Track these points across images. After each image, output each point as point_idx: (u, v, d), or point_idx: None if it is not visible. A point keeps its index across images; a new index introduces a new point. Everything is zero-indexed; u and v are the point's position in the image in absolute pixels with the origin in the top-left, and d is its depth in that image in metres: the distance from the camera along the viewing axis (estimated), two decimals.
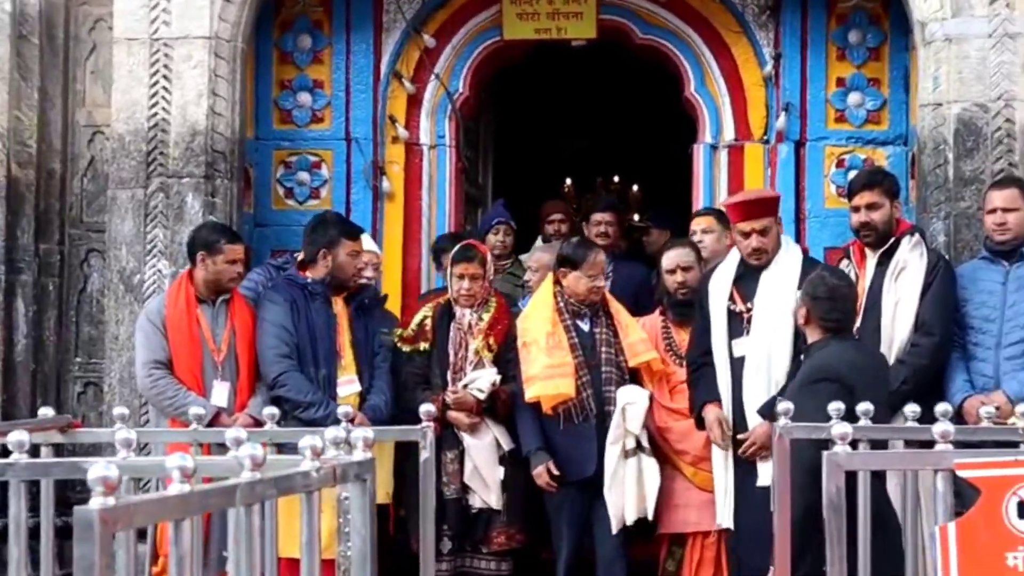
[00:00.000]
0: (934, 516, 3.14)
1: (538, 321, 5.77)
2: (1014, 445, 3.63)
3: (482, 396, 5.78)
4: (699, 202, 7.18)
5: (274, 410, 4.22)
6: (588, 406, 5.64)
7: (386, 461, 5.69)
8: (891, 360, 5.40)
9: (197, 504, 2.34)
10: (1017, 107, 6.24)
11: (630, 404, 5.60)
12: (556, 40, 7.36)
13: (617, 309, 5.94)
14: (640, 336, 5.87)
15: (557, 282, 5.84)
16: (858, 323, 5.47)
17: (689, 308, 5.85)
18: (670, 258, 5.98)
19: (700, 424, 5.53)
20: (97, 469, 2.08)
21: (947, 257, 6.01)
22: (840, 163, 7.01)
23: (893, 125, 7.00)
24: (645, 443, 5.64)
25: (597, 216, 7.23)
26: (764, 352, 5.36)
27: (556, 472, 5.57)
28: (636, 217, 11.69)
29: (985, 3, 6.25)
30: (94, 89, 6.95)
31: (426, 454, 4.14)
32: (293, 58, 7.26)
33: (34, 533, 3.69)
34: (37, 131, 6.85)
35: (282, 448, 4.01)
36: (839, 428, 3.12)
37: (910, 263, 5.49)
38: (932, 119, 6.35)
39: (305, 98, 7.24)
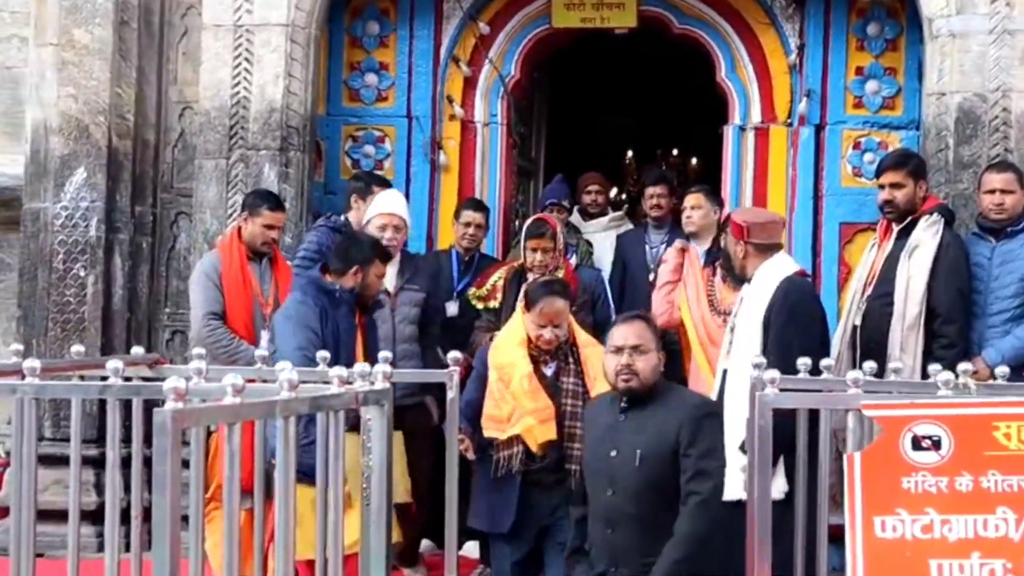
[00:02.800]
0: (846, 447, 3.79)
1: (512, 360, 5.46)
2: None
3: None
4: (728, 178, 7.61)
5: (325, 353, 4.66)
6: (525, 458, 5.38)
7: (400, 461, 5.90)
8: (900, 332, 5.73)
9: (246, 412, 3.08)
10: (1013, 98, 6.64)
11: None
12: (600, 28, 7.77)
13: (589, 356, 5.50)
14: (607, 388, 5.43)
15: None
16: (869, 291, 5.91)
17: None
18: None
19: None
20: (171, 381, 2.82)
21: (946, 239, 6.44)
22: (856, 145, 7.36)
23: (907, 111, 7.34)
24: None
25: (650, 190, 7.61)
26: (740, 367, 5.20)
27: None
28: None
29: (987, 1, 6.65)
30: (185, 69, 7.38)
31: (452, 394, 4.78)
32: (362, 42, 7.69)
33: (126, 463, 4.42)
34: (134, 106, 7.26)
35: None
36: (770, 373, 3.79)
37: (923, 243, 5.82)
38: (936, 107, 6.80)
39: (372, 79, 7.68)
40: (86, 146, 7.18)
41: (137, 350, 5.05)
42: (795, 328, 5.15)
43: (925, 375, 4.99)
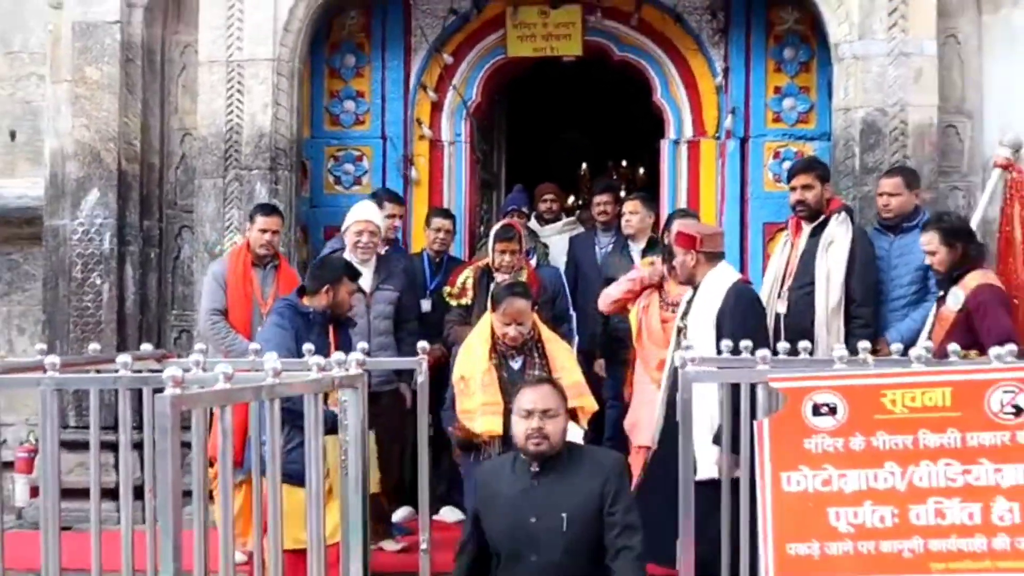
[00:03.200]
0: (757, 415, 3.94)
1: (474, 358, 5.49)
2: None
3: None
4: (665, 186, 7.74)
5: (310, 345, 4.78)
6: (499, 447, 5.33)
7: (372, 456, 5.61)
8: (824, 316, 5.87)
9: (235, 396, 3.21)
10: (909, 111, 6.78)
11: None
12: (550, 56, 7.88)
13: (553, 351, 5.58)
14: (575, 380, 5.47)
15: None
16: (789, 283, 6.01)
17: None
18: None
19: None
20: (170, 370, 2.95)
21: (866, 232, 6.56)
22: (776, 155, 7.50)
23: (819, 124, 7.49)
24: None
25: (597, 198, 7.72)
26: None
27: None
28: None
29: (884, 28, 6.78)
30: (184, 100, 7.45)
31: (421, 379, 4.90)
32: (340, 73, 7.78)
33: (139, 446, 4.50)
34: (140, 134, 7.31)
35: None
36: (690, 352, 3.95)
37: (837, 238, 5.98)
38: (843, 121, 6.93)
39: (350, 105, 7.77)
40: (98, 170, 7.24)
41: (146, 347, 5.18)
42: (746, 327, 5.20)
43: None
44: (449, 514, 6.72)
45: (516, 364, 5.51)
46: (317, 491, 3.62)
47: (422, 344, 4.98)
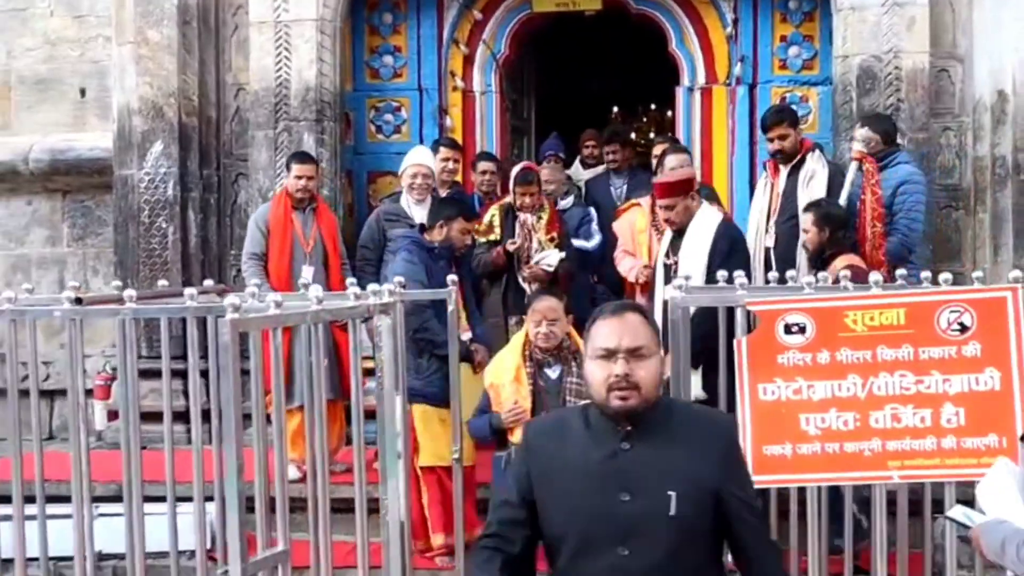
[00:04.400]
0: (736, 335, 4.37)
1: (504, 368, 5.29)
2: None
3: (550, 269, 6.46)
4: (680, 129, 8.08)
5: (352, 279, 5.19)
6: None
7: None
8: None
9: (284, 320, 3.70)
10: (903, 58, 7.12)
11: None
12: (573, 11, 8.20)
13: None
14: None
15: None
16: (775, 218, 6.42)
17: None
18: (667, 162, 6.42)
19: None
20: (229, 299, 3.46)
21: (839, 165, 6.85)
22: (783, 99, 7.71)
23: (822, 71, 7.76)
24: None
25: (605, 148, 8.12)
26: None
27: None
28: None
29: None
30: (237, 58, 7.81)
31: (451, 307, 5.37)
32: (379, 30, 8.13)
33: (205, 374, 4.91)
34: (198, 90, 7.71)
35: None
36: (679, 281, 4.38)
37: (816, 173, 6.31)
38: (842, 67, 7.27)
39: (388, 59, 8.11)
40: (161, 123, 7.69)
41: (208, 282, 5.65)
42: (736, 259, 5.48)
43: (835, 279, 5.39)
44: None
45: (553, 373, 5.22)
46: (320, 412, 4.12)
47: (452, 277, 5.43)
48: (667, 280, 5.60)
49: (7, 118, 8.57)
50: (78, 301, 4.35)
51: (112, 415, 7.67)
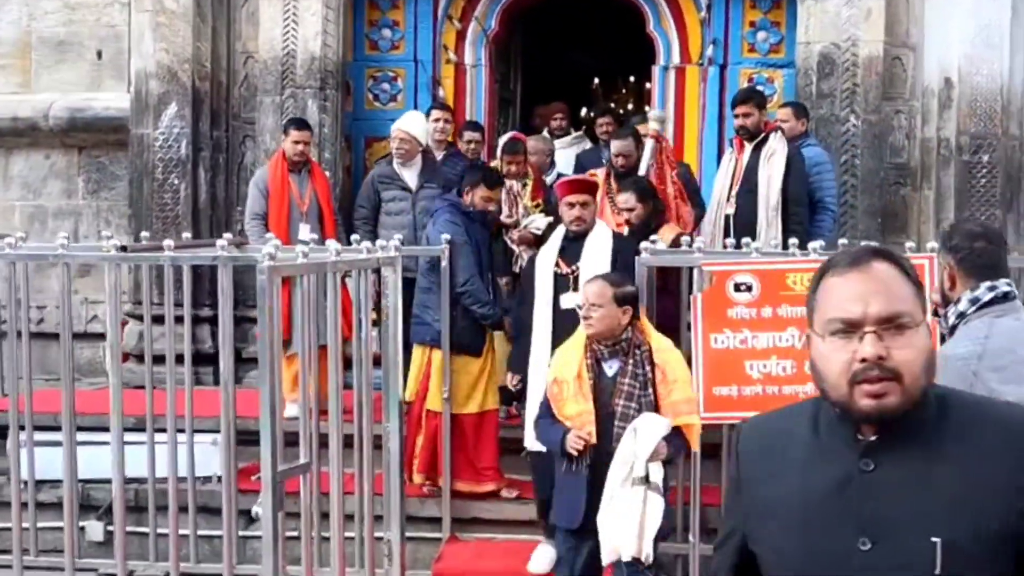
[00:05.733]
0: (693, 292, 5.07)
1: (569, 361, 4.87)
2: None
3: (539, 232, 6.76)
4: (655, 105, 8.64)
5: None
6: (589, 457, 4.74)
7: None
8: (765, 215, 6.74)
9: (311, 268, 4.37)
10: (860, 46, 7.74)
11: (644, 428, 4.61)
12: None
13: (666, 360, 4.82)
14: (686, 395, 4.80)
15: None
16: (736, 189, 7.01)
17: (625, 177, 6.53)
18: (615, 146, 6.78)
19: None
20: (267, 248, 4.12)
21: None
22: (750, 80, 8.32)
23: (787, 54, 8.34)
24: (656, 479, 4.60)
25: (599, 120, 8.66)
26: None
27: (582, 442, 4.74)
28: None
29: None
30: (247, 28, 8.29)
31: (444, 263, 6.03)
32: (379, 5, 8.63)
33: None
34: (210, 56, 8.20)
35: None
36: (647, 244, 5.07)
37: (777, 151, 6.86)
38: (804, 53, 7.88)
39: (387, 33, 8.62)
40: (176, 87, 8.23)
41: (228, 235, 6.28)
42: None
43: (785, 245, 5.99)
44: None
45: (611, 369, 4.82)
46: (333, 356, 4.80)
47: (445, 236, 6.09)
48: (560, 291, 5.63)
49: (27, 77, 9.10)
50: (123, 248, 4.99)
51: (125, 357, 8.27)
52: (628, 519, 4.53)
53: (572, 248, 5.72)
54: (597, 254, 5.59)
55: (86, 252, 5.13)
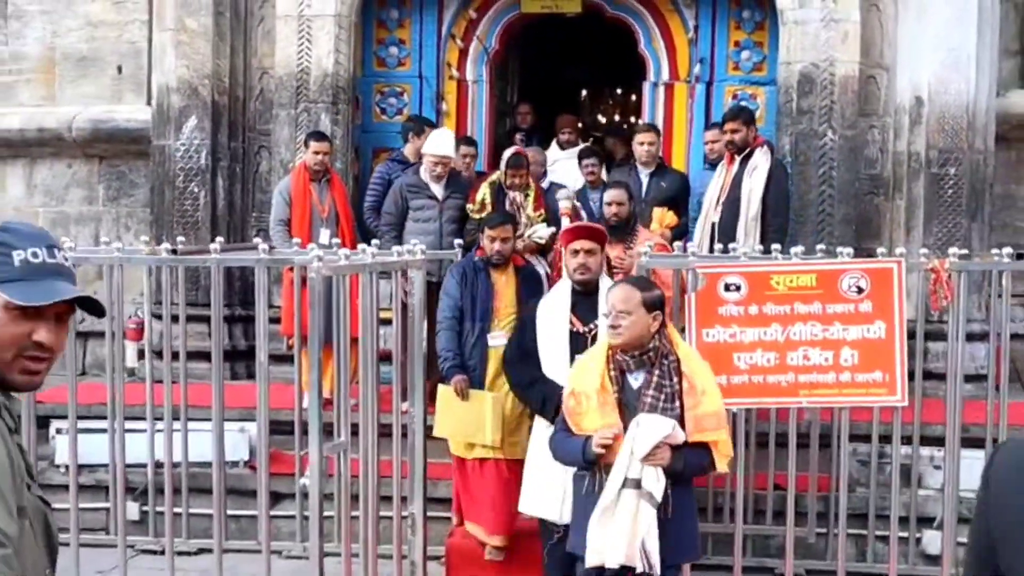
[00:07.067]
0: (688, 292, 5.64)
1: (589, 373, 4.52)
2: None
3: (542, 242, 6.96)
4: (646, 117, 9.24)
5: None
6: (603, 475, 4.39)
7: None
8: (744, 223, 7.28)
9: (353, 269, 4.92)
10: (837, 66, 8.32)
11: (644, 427, 4.29)
12: (556, 12, 9.34)
13: (694, 370, 4.52)
14: (714, 409, 4.47)
15: None
16: (722, 199, 7.59)
17: (618, 229, 6.35)
18: (608, 195, 6.64)
19: None
20: (314, 252, 4.67)
21: (788, 159, 8.27)
22: (735, 96, 8.93)
23: (769, 72, 8.91)
24: (650, 487, 4.27)
25: (584, 162, 8.80)
26: None
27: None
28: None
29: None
30: (263, 46, 8.86)
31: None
32: (386, 25, 9.22)
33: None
34: (228, 72, 8.76)
35: None
36: (646, 248, 5.65)
37: (760, 165, 7.41)
38: (785, 72, 8.47)
39: (394, 51, 9.22)
40: (196, 101, 8.77)
41: (256, 240, 6.81)
42: None
43: (767, 250, 6.35)
44: None
45: (636, 381, 4.48)
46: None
47: (457, 241, 6.67)
48: (579, 350, 5.17)
49: (52, 90, 9.65)
50: (173, 252, 5.54)
51: (141, 354, 8.74)
52: (617, 523, 4.24)
53: (584, 304, 5.40)
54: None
55: (136, 256, 5.64)
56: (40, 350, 2.15)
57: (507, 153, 7.69)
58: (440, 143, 7.63)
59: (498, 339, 5.88)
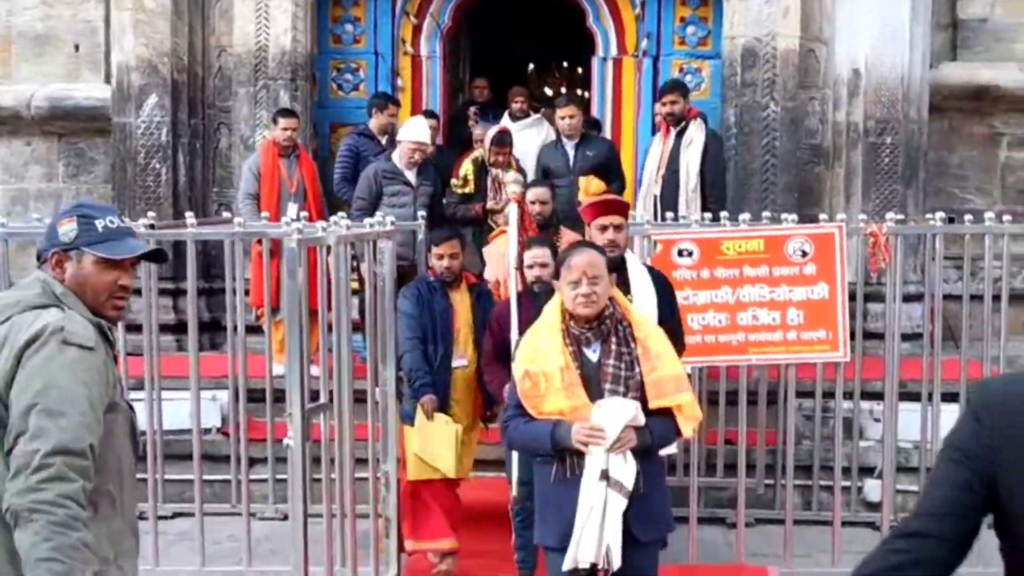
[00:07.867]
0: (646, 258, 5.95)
1: (545, 351, 4.11)
2: None
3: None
4: (595, 93, 9.53)
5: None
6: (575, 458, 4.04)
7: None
8: (685, 195, 7.53)
9: (328, 240, 5.18)
10: (778, 40, 8.64)
11: (606, 413, 3.98)
12: None
13: (647, 335, 4.17)
14: (675, 372, 4.13)
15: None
16: (662, 171, 7.73)
17: (544, 228, 6.22)
18: (531, 193, 6.46)
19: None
20: (295, 224, 4.92)
21: (734, 131, 8.61)
22: (681, 70, 9.23)
23: (714, 47, 9.17)
24: (618, 475, 3.97)
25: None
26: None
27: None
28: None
29: None
30: (221, 24, 8.95)
31: (420, 236, 6.87)
32: (341, 2, 9.33)
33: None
34: (187, 51, 8.85)
35: None
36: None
37: (695, 138, 7.68)
38: (729, 46, 8.78)
39: (349, 28, 9.33)
40: (156, 79, 8.88)
41: (226, 214, 7.06)
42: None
43: (715, 218, 6.62)
44: None
45: (593, 354, 4.14)
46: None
47: (421, 213, 6.93)
48: None
49: (8, 69, 9.70)
50: (151, 227, 5.76)
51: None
52: (589, 521, 3.95)
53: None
54: (642, 290, 5.10)
55: None
56: (124, 292, 2.93)
57: (492, 131, 7.90)
58: (417, 130, 7.74)
59: (460, 360, 5.90)
